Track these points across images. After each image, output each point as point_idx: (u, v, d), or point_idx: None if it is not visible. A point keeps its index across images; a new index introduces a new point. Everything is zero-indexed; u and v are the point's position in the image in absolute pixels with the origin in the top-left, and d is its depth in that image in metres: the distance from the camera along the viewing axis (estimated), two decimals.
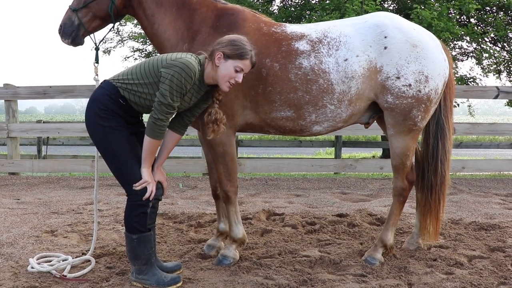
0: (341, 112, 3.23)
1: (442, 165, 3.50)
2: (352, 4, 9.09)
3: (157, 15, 3.30)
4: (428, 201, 3.55)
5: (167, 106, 2.73)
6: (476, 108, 13.72)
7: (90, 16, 3.25)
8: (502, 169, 7.99)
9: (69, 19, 3.25)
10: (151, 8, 3.31)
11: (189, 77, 2.74)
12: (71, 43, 3.29)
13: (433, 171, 3.52)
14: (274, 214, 4.89)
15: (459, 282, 3.03)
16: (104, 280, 3.06)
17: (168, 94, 2.71)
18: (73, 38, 3.27)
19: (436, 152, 3.51)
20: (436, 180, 3.51)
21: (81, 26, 3.24)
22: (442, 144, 3.50)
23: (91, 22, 3.27)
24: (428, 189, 3.54)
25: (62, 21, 3.28)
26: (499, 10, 11.23)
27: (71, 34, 3.25)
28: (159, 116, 2.75)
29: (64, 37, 3.27)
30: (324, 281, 3.03)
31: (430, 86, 3.21)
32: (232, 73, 2.81)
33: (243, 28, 3.20)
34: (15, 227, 4.32)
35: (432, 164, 3.52)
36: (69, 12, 3.26)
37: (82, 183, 6.82)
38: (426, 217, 3.58)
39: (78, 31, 3.25)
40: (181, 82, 2.71)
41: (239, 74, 2.83)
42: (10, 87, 7.28)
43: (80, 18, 3.23)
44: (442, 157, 3.50)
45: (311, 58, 3.16)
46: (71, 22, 3.24)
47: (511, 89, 7.36)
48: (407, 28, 3.23)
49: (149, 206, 2.90)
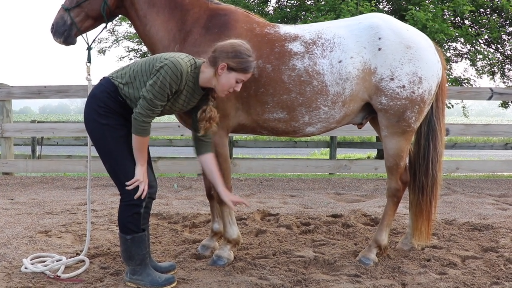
0: (334, 113, 3.23)
1: (433, 166, 3.50)
2: (347, 5, 9.12)
3: (149, 16, 3.31)
4: (420, 202, 3.56)
5: (149, 101, 2.70)
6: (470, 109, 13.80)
7: (83, 16, 3.26)
8: (496, 170, 8.04)
9: (61, 18, 3.26)
10: (143, 9, 3.31)
11: (175, 76, 2.72)
12: (63, 42, 3.30)
13: (424, 172, 3.52)
14: (268, 215, 4.90)
15: (452, 282, 3.04)
16: (98, 281, 3.05)
17: (151, 89, 2.70)
18: (65, 38, 3.28)
19: (427, 153, 3.50)
20: (427, 181, 3.51)
21: (74, 26, 3.25)
22: (434, 145, 3.49)
23: (83, 22, 3.28)
24: (419, 190, 3.55)
25: (55, 20, 3.29)
26: (493, 12, 11.30)
27: (64, 34, 3.26)
28: (140, 111, 2.72)
29: (56, 36, 3.28)
30: (318, 281, 3.04)
31: (423, 87, 3.22)
32: (233, 84, 2.82)
33: (235, 29, 3.19)
34: (8, 228, 4.30)
35: (423, 165, 3.52)
36: (62, 11, 3.27)
37: (77, 183, 6.80)
38: (417, 218, 3.58)
39: (71, 31, 3.26)
40: (165, 80, 2.69)
41: (239, 85, 2.85)
42: (4, 86, 7.24)
43: (73, 18, 3.24)
44: (433, 158, 3.50)
45: (305, 60, 3.16)
46: (64, 21, 3.25)
47: (504, 91, 7.41)
48: (401, 30, 3.24)
49: (142, 206, 2.90)
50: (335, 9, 9.64)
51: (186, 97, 2.88)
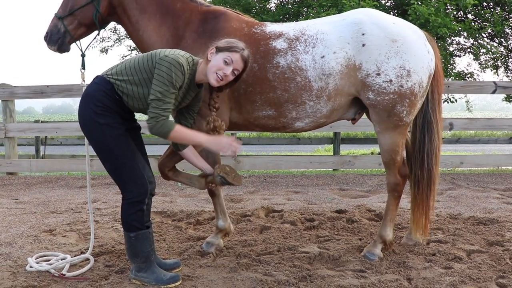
0: (321, 107, 3.23)
1: (429, 159, 3.44)
2: (349, 1, 9.08)
3: (141, 22, 3.35)
4: (416, 196, 3.53)
5: (160, 100, 2.67)
6: (474, 103, 13.72)
7: (76, 24, 3.33)
8: (500, 164, 7.99)
9: (55, 26, 3.33)
10: (135, 15, 3.35)
11: (180, 72, 2.71)
12: (57, 50, 3.37)
13: (420, 166, 3.47)
14: (273, 211, 4.89)
15: (458, 276, 3.03)
16: (103, 279, 3.06)
17: (159, 89, 2.67)
18: (59, 45, 3.35)
19: (422, 146, 3.45)
20: (422, 175, 3.46)
21: (67, 34, 3.32)
22: (429, 138, 3.43)
23: (76, 30, 3.35)
24: (415, 184, 3.51)
25: (49, 29, 3.36)
26: (496, 6, 11.23)
27: (57, 41, 3.33)
28: (151, 115, 2.68)
29: (50, 44, 3.36)
30: (323, 277, 3.03)
31: (413, 80, 3.17)
32: (221, 64, 2.77)
33: (225, 30, 3.23)
34: (13, 227, 4.31)
35: (419, 159, 3.47)
36: (55, 19, 3.34)
37: (81, 182, 6.81)
38: (414, 212, 3.55)
39: (64, 38, 3.33)
40: (171, 77, 2.67)
41: (227, 67, 2.78)
42: (7, 86, 7.26)
43: (66, 26, 3.31)
44: (429, 152, 3.44)
45: (287, 56, 3.16)
46: (57, 29, 3.32)
47: (508, 84, 7.36)
48: (386, 23, 3.19)
49: (145, 203, 2.90)
50: (337, 5, 9.61)
51: (183, 92, 2.87)
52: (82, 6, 3.28)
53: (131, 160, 2.85)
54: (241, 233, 4.07)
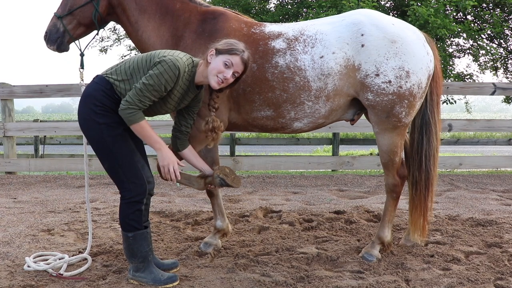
0: (319, 108, 3.23)
1: (427, 160, 3.43)
2: (349, 1, 9.08)
3: (140, 22, 3.35)
4: (413, 197, 3.52)
5: (138, 91, 2.67)
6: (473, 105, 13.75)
7: (75, 23, 3.33)
8: (499, 165, 7.99)
9: (54, 26, 3.33)
10: (134, 15, 3.35)
11: (173, 74, 2.70)
12: (56, 50, 3.37)
13: (417, 167, 3.46)
14: (271, 212, 4.89)
15: (456, 278, 3.03)
16: (101, 278, 3.06)
17: (145, 81, 2.67)
18: (58, 45, 3.35)
19: (420, 147, 3.45)
20: (420, 176, 3.45)
21: (66, 33, 3.32)
22: (427, 139, 3.43)
23: (75, 29, 3.35)
24: (413, 185, 3.51)
25: (48, 28, 3.36)
26: (496, 7, 11.24)
27: (57, 41, 3.33)
28: (127, 99, 2.69)
29: (49, 44, 3.36)
30: (321, 278, 3.03)
31: (412, 81, 3.17)
32: (221, 67, 2.78)
33: (224, 30, 3.22)
34: (11, 226, 4.30)
35: (417, 160, 3.46)
36: (54, 19, 3.34)
37: (79, 182, 6.80)
38: (412, 213, 3.54)
39: (63, 38, 3.33)
40: (162, 76, 2.67)
41: (228, 70, 2.79)
42: (6, 86, 7.25)
43: (65, 25, 3.31)
44: (427, 153, 3.43)
45: (286, 56, 3.16)
46: (56, 29, 3.32)
47: (507, 86, 7.36)
48: (385, 24, 3.19)
49: (143, 203, 2.89)
50: (336, 5, 9.61)
51: (181, 94, 2.86)
52: (81, 6, 3.28)
53: (130, 160, 2.85)
54: (239, 234, 4.07)
